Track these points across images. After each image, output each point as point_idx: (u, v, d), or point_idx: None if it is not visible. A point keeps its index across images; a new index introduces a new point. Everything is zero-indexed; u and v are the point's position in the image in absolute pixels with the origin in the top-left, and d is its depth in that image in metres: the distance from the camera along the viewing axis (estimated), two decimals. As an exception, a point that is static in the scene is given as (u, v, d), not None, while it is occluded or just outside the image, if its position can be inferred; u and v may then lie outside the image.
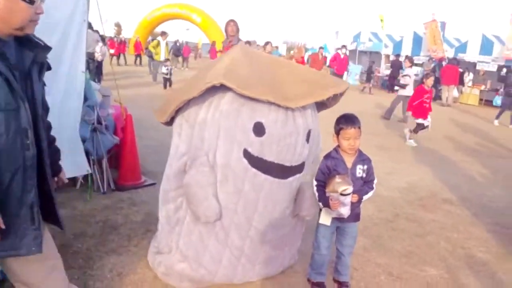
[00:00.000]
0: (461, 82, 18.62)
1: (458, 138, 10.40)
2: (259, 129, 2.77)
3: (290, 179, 2.98)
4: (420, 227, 4.64)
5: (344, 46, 19.08)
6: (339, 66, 17.85)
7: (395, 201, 5.40)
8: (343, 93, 3.02)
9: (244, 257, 3.07)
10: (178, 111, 3.02)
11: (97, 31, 13.00)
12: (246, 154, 2.81)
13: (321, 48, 20.31)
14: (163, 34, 17.72)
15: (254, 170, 2.83)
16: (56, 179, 2.40)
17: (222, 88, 2.71)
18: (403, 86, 11.43)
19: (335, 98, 3.02)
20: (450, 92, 17.57)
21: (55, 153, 2.35)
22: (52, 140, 2.33)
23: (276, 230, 3.11)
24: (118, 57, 25.85)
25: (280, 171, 2.90)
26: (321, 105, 3.22)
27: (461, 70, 18.46)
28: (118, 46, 26.22)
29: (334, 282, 3.31)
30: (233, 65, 2.85)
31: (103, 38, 14.95)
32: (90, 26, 11.85)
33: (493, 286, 3.54)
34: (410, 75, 11.53)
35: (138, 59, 27.27)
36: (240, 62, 2.92)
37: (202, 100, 2.88)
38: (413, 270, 3.67)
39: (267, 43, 13.58)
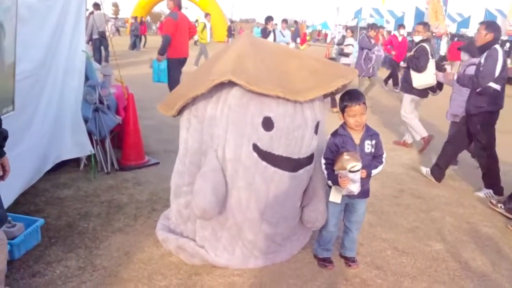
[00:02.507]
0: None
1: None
2: (268, 124, 2.75)
3: (300, 171, 2.96)
4: (425, 203, 4.64)
5: (402, 26, 14.79)
6: (398, 51, 13.85)
7: (399, 177, 5.40)
8: (350, 82, 2.99)
9: (256, 250, 3.09)
10: (185, 105, 3.00)
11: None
12: (256, 148, 2.80)
13: (381, 27, 15.68)
14: (208, 15, 17.14)
15: (264, 163, 2.82)
16: None
17: (229, 82, 2.67)
18: (347, 55, 11.34)
19: (343, 87, 2.99)
20: (454, 67, 17.49)
21: None
22: None
23: (287, 221, 3.11)
24: (140, 39, 24.30)
25: (288, 164, 2.89)
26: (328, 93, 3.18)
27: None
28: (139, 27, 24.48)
29: (341, 258, 3.32)
30: (241, 60, 2.81)
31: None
32: (99, 7, 11.77)
33: (499, 260, 3.54)
34: (353, 44, 11.58)
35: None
36: (247, 55, 2.87)
37: (209, 95, 2.85)
38: (418, 245, 3.68)
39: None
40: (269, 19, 12.16)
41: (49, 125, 4.00)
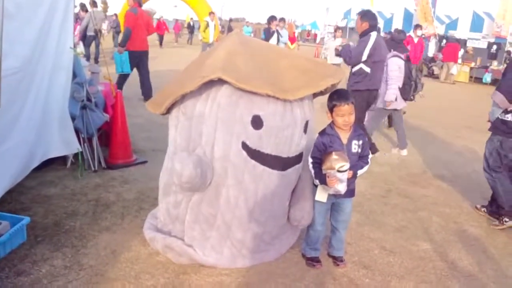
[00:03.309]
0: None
1: (450, 114, 10.45)
2: (257, 122, 2.75)
3: (289, 170, 2.97)
4: (412, 203, 4.67)
5: (419, 27, 13.86)
6: (413, 54, 12.71)
7: (387, 177, 5.43)
8: (339, 82, 3.01)
9: (245, 249, 3.08)
10: (174, 103, 2.98)
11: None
12: (245, 146, 2.79)
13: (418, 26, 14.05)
14: (211, 14, 16.75)
15: (253, 161, 2.82)
16: None
17: (219, 80, 2.66)
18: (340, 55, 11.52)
19: (332, 86, 3.00)
20: (449, 69, 17.73)
21: None
22: None
23: (276, 220, 3.12)
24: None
25: (277, 162, 2.89)
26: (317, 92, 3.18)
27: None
28: None
29: (329, 257, 3.33)
30: (231, 57, 2.80)
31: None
32: (95, 4, 11.88)
33: (484, 260, 3.58)
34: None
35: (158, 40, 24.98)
36: (237, 53, 2.87)
37: (198, 92, 2.83)
38: (406, 245, 3.70)
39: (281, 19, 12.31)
40: (272, 18, 11.71)
41: (36, 122, 3.95)
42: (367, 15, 5.56)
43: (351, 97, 2.94)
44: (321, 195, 3.05)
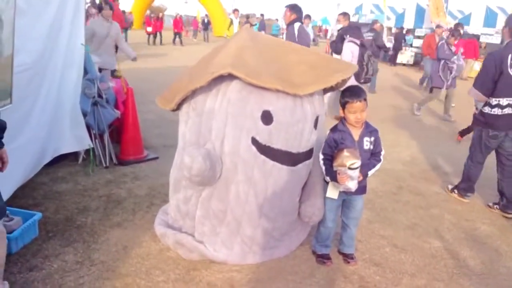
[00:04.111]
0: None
1: (461, 111, 10.33)
2: (267, 118, 2.74)
3: (299, 166, 2.95)
4: (424, 200, 4.63)
5: (460, 26, 12.52)
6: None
7: (398, 174, 5.39)
8: (350, 77, 2.98)
9: (255, 245, 3.08)
10: (184, 98, 2.97)
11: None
12: (254, 142, 2.78)
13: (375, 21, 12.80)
14: (235, 11, 16.44)
15: (262, 157, 2.81)
16: None
17: (229, 75, 2.65)
18: None
19: (343, 81, 2.97)
20: (467, 65, 17.48)
21: None
22: None
23: (286, 216, 3.11)
24: (155, 36, 23.29)
25: (287, 158, 2.88)
26: (328, 87, 3.16)
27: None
28: (155, 23, 23.32)
29: (339, 254, 3.32)
30: (240, 53, 2.79)
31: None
32: (106, 1, 11.99)
33: (497, 258, 3.54)
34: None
35: (178, 38, 23.77)
36: (247, 49, 2.86)
37: (209, 88, 2.83)
38: (417, 242, 3.67)
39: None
40: (306, 17, 11.19)
41: (48, 119, 3.98)
42: (295, 8, 6.51)
43: (364, 93, 2.91)
44: (332, 192, 3.03)
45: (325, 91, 3.18)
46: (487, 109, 4.31)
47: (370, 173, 3.00)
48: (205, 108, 2.87)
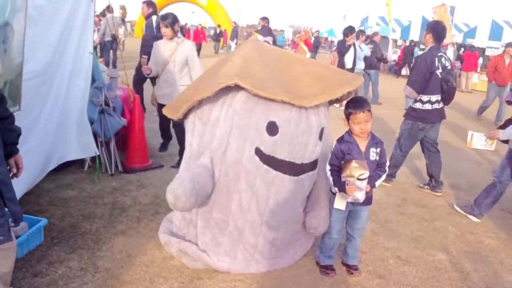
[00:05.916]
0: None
1: (466, 123, 10.33)
2: (272, 129, 2.76)
3: (303, 176, 2.97)
4: (428, 212, 4.62)
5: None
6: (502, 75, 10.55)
7: (403, 186, 5.38)
8: (356, 89, 3.00)
9: (257, 254, 3.08)
10: (190, 108, 3.01)
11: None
12: (258, 152, 2.80)
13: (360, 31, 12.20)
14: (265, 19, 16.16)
15: (266, 166, 2.83)
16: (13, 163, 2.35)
17: (235, 86, 2.68)
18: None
19: (349, 93, 2.99)
20: (469, 78, 17.59)
21: (8, 133, 2.27)
22: (5, 117, 2.24)
23: (288, 226, 3.11)
24: None
25: (291, 168, 2.89)
26: (334, 99, 3.18)
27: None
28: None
29: (343, 265, 3.31)
30: (247, 64, 2.83)
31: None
32: (112, 10, 12.10)
33: (501, 272, 3.52)
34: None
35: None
36: (253, 60, 2.89)
37: (215, 98, 2.86)
38: (421, 255, 3.66)
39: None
40: (351, 30, 10.17)
41: (55, 125, 4.02)
42: (151, 5, 7.47)
43: (367, 104, 2.94)
44: (340, 203, 3.04)
45: (331, 102, 3.20)
46: (418, 105, 4.92)
47: (377, 183, 3.01)
48: (211, 118, 2.90)
